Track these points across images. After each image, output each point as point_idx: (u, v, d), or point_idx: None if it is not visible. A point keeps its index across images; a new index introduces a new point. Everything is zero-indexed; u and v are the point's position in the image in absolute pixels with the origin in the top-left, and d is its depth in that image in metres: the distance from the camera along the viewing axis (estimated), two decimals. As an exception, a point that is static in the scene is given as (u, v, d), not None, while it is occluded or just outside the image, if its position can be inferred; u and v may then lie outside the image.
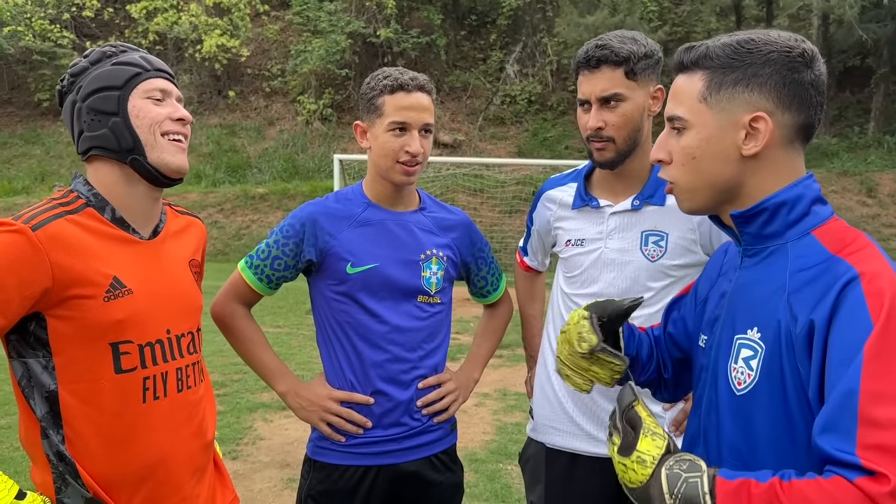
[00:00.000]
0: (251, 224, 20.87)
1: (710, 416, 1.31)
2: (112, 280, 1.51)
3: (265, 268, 2.05)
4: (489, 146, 24.24)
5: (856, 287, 1.10)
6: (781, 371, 1.17)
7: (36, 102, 27.07)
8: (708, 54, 1.26)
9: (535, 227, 2.35)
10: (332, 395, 2.03)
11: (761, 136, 1.23)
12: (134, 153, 1.57)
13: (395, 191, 2.06)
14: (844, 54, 24.12)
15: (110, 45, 1.64)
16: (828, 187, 19.96)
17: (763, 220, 1.26)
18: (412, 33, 25.33)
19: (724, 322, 1.31)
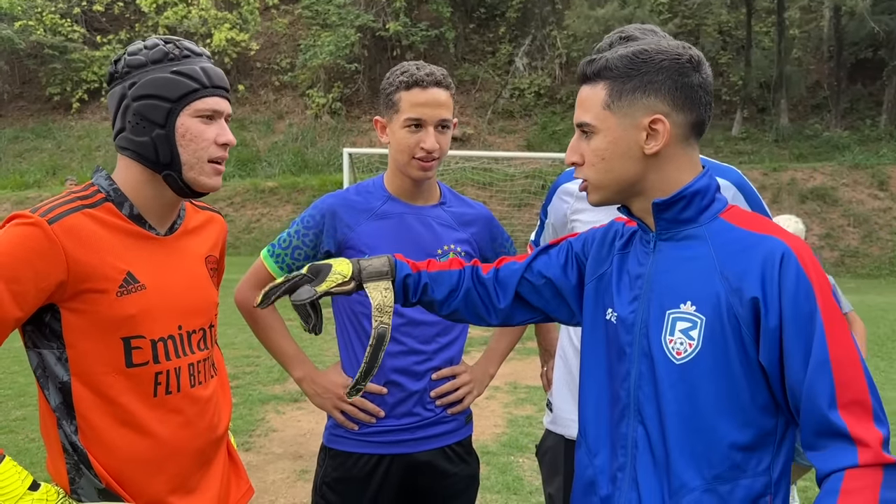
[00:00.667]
0: (261, 217, 20.93)
1: (642, 388, 1.41)
2: (126, 275, 1.52)
3: (286, 257, 2.07)
4: (498, 139, 24.22)
5: (791, 256, 1.29)
6: (724, 338, 1.32)
7: (47, 97, 27.21)
8: (608, 66, 1.40)
9: (550, 220, 2.36)
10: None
11: (660, 136, 1.37)
12: (170, 169, 1.56)
13: (414, 185, 2.06)
14: (856, 46, 23.95)
15: (174, 45, 1.58)
16: (839, 180, 19.85)
17: (681, 206, 1.40)
18: (421, 26, 25.31)
19: (649, 300, 1.42)
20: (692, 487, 1.34)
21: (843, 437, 1.24)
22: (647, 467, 1.39)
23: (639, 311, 1.43)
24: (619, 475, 1.43)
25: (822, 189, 19.69)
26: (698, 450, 1.34)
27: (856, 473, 1.22)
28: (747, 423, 1.33)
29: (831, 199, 19.50)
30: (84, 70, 26.63)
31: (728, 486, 1.33)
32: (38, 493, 1.44)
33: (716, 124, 23.95)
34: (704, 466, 1.33)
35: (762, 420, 1.33)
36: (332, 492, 2.08)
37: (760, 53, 24.33)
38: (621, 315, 1.47)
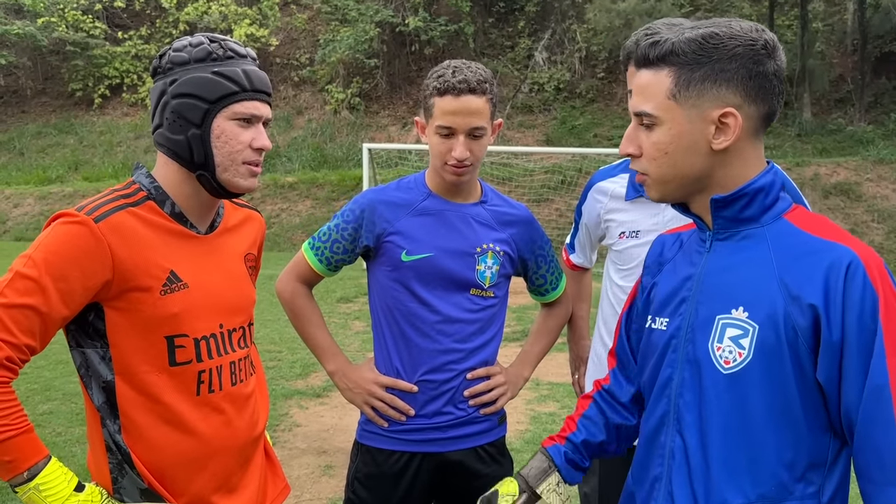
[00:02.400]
0: (280, 213, 21.01)
1: (683, 396, 1.34)
2: (169, 274, 1.53)
3: (325, 250, 2.09)
4: (517, 134, 24.12)
5: (859, 267, 1.20)
6: (779, 350, 1.23)
7: (69, 93, 27.44)
8: (674, 50, 1.28)
9: (584, 220, 2.34)
10: (378, 380, 2.06)
11: (731, 131, 1.28)
12: (203, 169, 1.56)
13: (451, 183, 2.05)
14: (881, 40, 23.60)
15: (219, 44, 1.57)
16: (863, 175, 19.60)
17: (742, 204, 1.31)
18: (440, 21, 25.24)
19: (698, 303, 1.34)
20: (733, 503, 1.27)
21: (892, 474, 1.17)
22: (683, 479, 1.33)
23: (686, 315, 1.36)
24: (655, 486, 1.38)
25: (845, 184, 19.45)
26: (742, 465, 1.27)
27: None
28: (797, 442, 1.25)
29: (855, 194, 19.25)
30: (106, 66, 26.82)
31: None
32: (83, 494, 1.45)
33: (737, 119, 23.72)
34: (748, 484, 1.26)
35: (814, 440, 1.26)
36: (363, 488, 2.09)
37: (783, 47, 23.88)
38: (666, 318, 1.40)
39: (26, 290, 1.39)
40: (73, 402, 5.95)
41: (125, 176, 23.60)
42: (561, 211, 18.41)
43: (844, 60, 24.65)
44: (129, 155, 25.19)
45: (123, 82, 26.90)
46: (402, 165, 18.87)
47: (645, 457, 1.43)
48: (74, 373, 6.88)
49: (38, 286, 1.40)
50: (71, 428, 5.32)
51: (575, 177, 18.51)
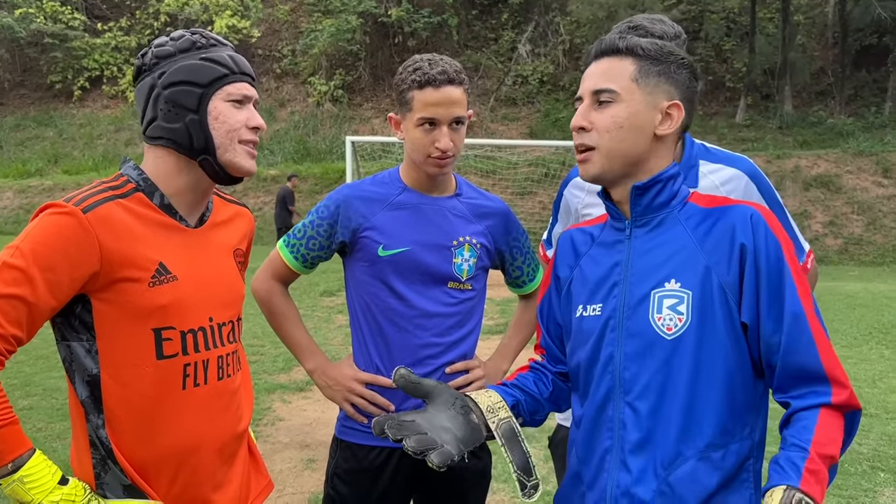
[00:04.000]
0: (263, 206, 20.93)
1: (628, 368, 1.46)
2: (158, 266, 1.52)
3: (301, 247, 2.08)
4: (501, 127, 24.16)
5: (759, 217, 1.41)
6: (713, 309, 1.40)
7: (48, 85, 27.16)
8: (640, 45, 1.48)
9: (561, 215, 2.34)
10: (358, 376, 2.05)
11: (674, 122, 1.48)
12: (205, 153, 1.57)
13: (430, 178, 2.05)
14: (861, 33, 23.82)
15: (200, 35, 1.60)
16: (843, 168, 19.80)
17: (657, 190, 1.50)
18: (423, 13, 25.19)
19: (630, 284, 1.49)
20: (686, 457, 1.39)
21: (821, 380, 1.35)
22: (634, 447, 1.43)
23: (620, 296, 1.49)
24: (606, 458, 1.47)
25: (825, 176, 19.64)
26: (692, 420, 1.39)
27: (830, 411, 1.34)
28: (736, 390, 1.41)
29: (835, 186, 19.45)
30: (85, 58, 26.56)
31: (720, 453, 1.39)
32: (67, 487, 1.44)
33: (720, 111, 23.87)
34: (698, 436, 1.39)
35: (749, 384, 1.42)
36: (343, 483, 2.09)
37: (764, 40, 24.20)
38: (599, 304, 1.52)
39: (14, 280, 1.39)
40: (54, 398, 5.91)
41: (106, 169, 23.38)
42: (544, 203, 18.46)
43: (825, 53, 24.86)
44: (110, 148, 24.97)
45: (103, 74, 26.65)
46: (385, 158, 18.83)
47: (591, 434, 1.51)
48: (55, 368, 6.83)
49: (26, 276, 1.39)
50: (52, 423, 5.28)
51: (558, 170, 18.56)
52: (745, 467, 1.41)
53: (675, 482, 1.39)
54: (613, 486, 1.44)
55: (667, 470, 1.40)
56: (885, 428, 5.27)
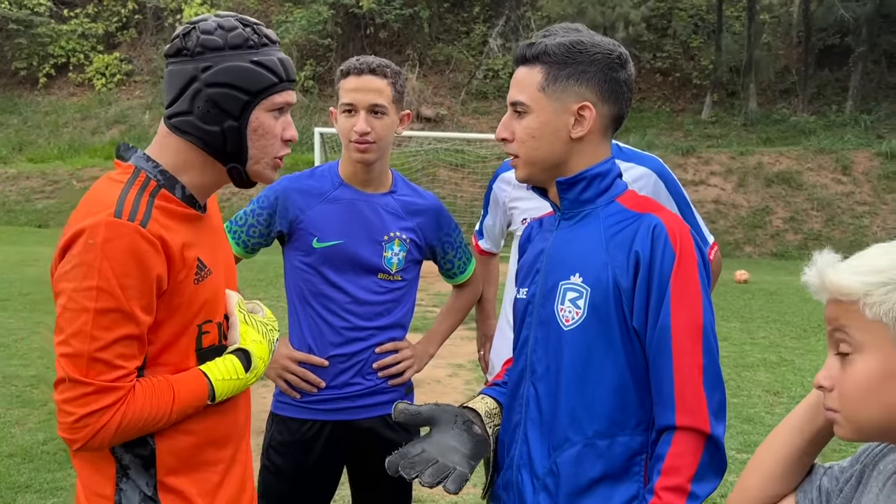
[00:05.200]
0: (231, 196, 20.80)
1: (536, 352, 1.55)
2: (197, 261, 1.47)
3: (242, 234, 2.20)
4: (471, 121, 24.24)
5: (662, 229, 1.44)
6: (606, 308, 1.45)
7: (13, 71, 26.66)
8: (546, 51, 1.50)
9: (491, 208, 2.47)
10: (292, 355, 2.17)
11: (586, 122, 1.50)
12: (236, 162, 1.49)
13: (364, 171, 2.16)
14: (824, 32, 24.27)
15: (252, 30, 1.47)
16: (804, 165, 20.20)
17: (581, 187, 1.54)
18: (395, 4, 25.15)
19: (547, 273, 1.55)
20: (574, 442, 1.47)
21: (668, 400, 1.41)
22: (535, 423, 1.53)
23: (539, 283, 1.57)
24: (517, 431, 1.58)
25: (787, 173, 20.03)
26: (580, 407, 1.47)
27: (685, 435, 1.39)
28: (625, 386, 1.46)
29: (796, 182, 19.85)
30: (51, 44, 26.11)
31: (606, 442, 1.46)
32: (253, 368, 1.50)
33: (686, 108, 24.18)
34: (585, 423, 1.47)
35: (638, 382, 1.47)
36: (277, 454, 2.20)
37: (731, 38, 24.55)
38: (526, 288, 1.62)
39: (114, 322, 1.33)
40: (13, 385, 5.93)
41: (71, 157, 23.05)
42: (512, 197, 18.58)
43: (789, 52, 25.29)
44: (76, 136, 24.63)
45: (70, 61, 26.22)
46: (354, 150, 18.76)
47: (509, 407, 1.63)
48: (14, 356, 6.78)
49: (124, 314, 1.34)
50: (10, 409, 5.31)
51: (526, 163, 18.67)
52: (634, 461, 1.46)
53: (562, 463, 1.48)
54: (518, 456, 1.56)
55: (556, 451, 1.49)
56: (823, 415, 5.48)
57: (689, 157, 20.54)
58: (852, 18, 22.08)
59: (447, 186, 19.41)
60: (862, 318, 0.96)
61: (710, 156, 20.71)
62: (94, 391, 1.31)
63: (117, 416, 1.33)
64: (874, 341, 0.96)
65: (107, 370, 1.32)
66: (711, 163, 20.50)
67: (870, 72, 23.09)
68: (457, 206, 18.24)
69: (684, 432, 1.38)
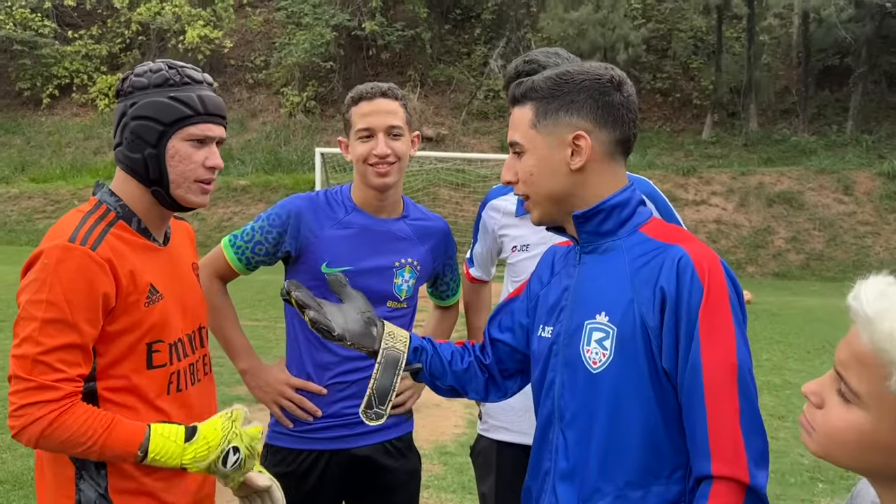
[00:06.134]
0: (233, 216, 20.82)
1: (563, 397, 1.46)
2: (150, 287, 1.64)
3: (247, 250, 2.11)
4: (472, 141, 24.30)
5: (688, 262, 1.34)
6: (634, 349, 1.36)
7: (17, 92, 26.83)
8: (534, 87, 1.47)
9: (481, 235, 2.43)
10: (290, 381, 2.11)
11: (583, 152, 1.44)
12: (158, 185, 1.66)
13: (378, 198, 2.12)
14: (824, 53, 24.38)
15: (177, 71, 1.67)
16: (805, 185, 20.18)
17: (600, 219, 1.46)
18: (397, 26, 25.32)
19: (572, 311, 1.47)
20: (605, 493, 1.38)
21: (702, 446, 1.30)
22: (564, 473, 1.44)
23: (563, 322, 1.49)
24: (546, 479, 1.49)
25: (788, 193, 20.01)
26: (611, 456, 1.37)
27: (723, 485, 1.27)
28: (659, 432, 1.36)
29: (798, 203, 19.82)
30: (55, 65, 26.28)
31: (640, 493, 1.36)
32: (194, 442, 1.57)
33: (686, 128, 24.23)
34: (616, 472, 1.37)
35: (671, 427, 1.36)
36: None
37: (731, 59, 24.66)
38: (550, 327, 1.53)
39: (59, 331, 1.50)
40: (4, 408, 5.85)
41: (74, 178, 23.11)
42: (514, 217, 18.56)
43: (789, 73, 25.38)
44: (78, 156, 24.71)
45: (73, 82, 26.38)
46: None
47: (538, 453, 1.54)
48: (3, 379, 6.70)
49: (68, 324, 1.51)
50: (1, 434, 5.24)
51: (528, 183, 18.68)
52: None
53: None
54: None
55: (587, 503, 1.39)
56: (828, 440, 5.39)
57: (690, 177, 20.54)
58: (852, 39, 22.18)
59: (448, 206, 19.41)
60: (880, 382, 0.88)
61: (711, 176, 20.71)
62: (35, 387, 1.49)
63: (50, 416, 1.48)
64: (879, 408, 0.90)
65: (48, 371, 1.49)
66: (713, 183, 20.49)
67: (870, 92, 23.15)
68: (458, 226, 18.17)
69: (722, 482, 1.27)
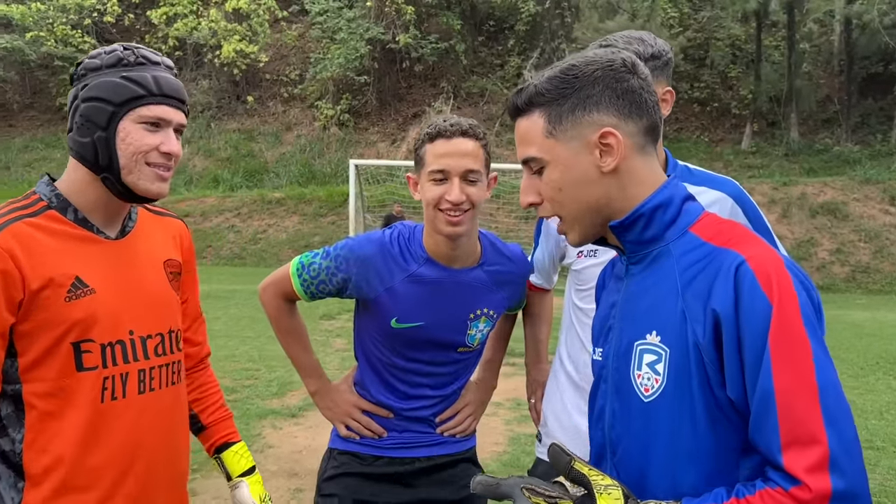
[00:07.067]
0: (268, 228, 20.93)
1: (615, 428, 1.30)
2: (74, 280, 1.52)
3: (311, 285, 2.04)
4: (506, 152, 24.16)
5: (747, 271, 1.13)
6: (688, 373, 1.18)
7: (57, 107, 27.38)
8: (538, 91, 1.27)
9: (543, 239, 2.27)
10: (358, 403, 2.12)
11: (615, 151, 1.25)
12: (108, 172, 1.55)
13: (450, 246, 1.96)
14: (867, 60, 23.83)
15: (132, 52, 1.57)
16: (850, 195, 19.69)
17: (641, 225, 1.27)
18: (431, 39, 25.34)
19: (621, 330, 1.30)
20: None
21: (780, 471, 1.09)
22: None
23: (612, 343, 1.32)
24: None
25: (832, 204, 19.52)
26: (667, 493, 1.20)
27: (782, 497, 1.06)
28: (720, 470, 1.18)
29: (842, 214, 19.33)
30: (94, 81, 26.81)
31: None
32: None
33: (725, 138, 23.83)
34: None
35: (736, 466, 1.18)
36: (334, 484, 2.11)
37: (770, 67, 24.23)
38: (600, 348, 1.36)
39: None
40: None
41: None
42: (549, 229, 18.39)
43: (831, 81, 24.86)
44: (117, 170, 25.13)
45: (112, 97, 26.88)
46: (389, 182, 18.80)
47: None
48: None
49: None
50: None
51: (563, 194, 18.51)
52: None
53: None
54: None
55: None
56: (893, 461, 5.11)
57: (730, 187, 20.19)
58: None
59: (482, 217, 19.16)
60: None
61: (751, 186, 20.29)
62: None
63: None
64: None
65: None
66: (754, 193, 19.93)
67: (916, 100, 22.56)
68: (492, 239, 18.06)
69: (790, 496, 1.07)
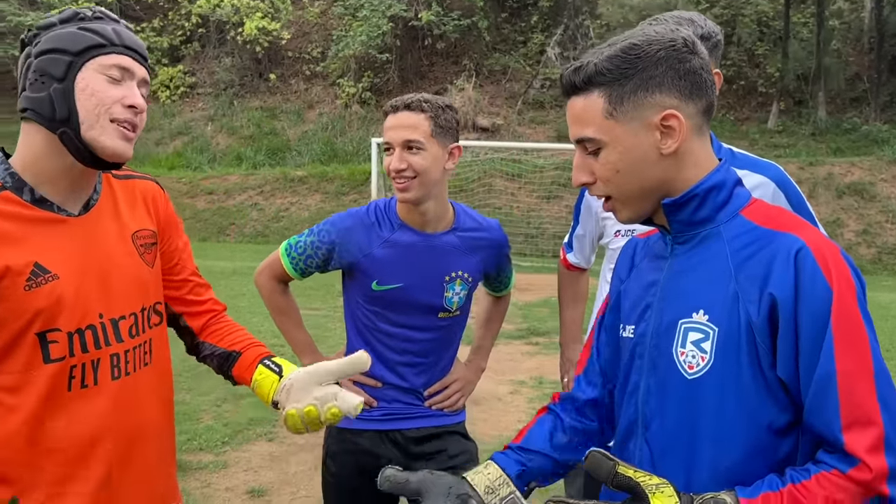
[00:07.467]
0: (290, 206, 21.03)
1: (649, 403, 1.32)
2: (33, 267, 1.41)
3: (300, 262, 2.22)
4: (528, 130, 24.02)
5: (808, 256, 1.16)
6: (738, 353, 1.20)
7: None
8: (598, 70, 1.26)
9: (582, 217, 2.29)
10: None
11: (677, 133, 1.26)
12: (66, 126, 1.42)
13: (418, 212, 2.12)
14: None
15: (89, 9, 1.48)
16: (878, 175, 19.38)
17: (695, 205, 1.29)
18: (453, 15, 25.15)
19: (662, 309, 1.32)
20: None
21: (840, 452, 1.13)
22: None
23: (650, 321, 1.33)
24: None
25: (859, 184, 19.24)
26: (705, 469, 1.23)
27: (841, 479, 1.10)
28: (762, 449, 1.21)
29: (869, 194, 19.05)
30: (118, 58, 26.93)
31: None
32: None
33: (751, 116, 23.51)
34: (711, 486, 1.20)
35: (778, 445, 1.21)
36: (333, 462, 2.23)
37: (798, 45, 23.79)
38: (633, 325, 1.37)
39: None
40: None
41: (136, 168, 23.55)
42: (570, 208, 18.27)
43: (860, 59, 24.38)
44: (140, 147, 25.26)
45: (136, 74, 26.99)
46: (411, 160, 18.71)
47: None
48: None
49: None
50: None
51: (585, 174, 18.39)
52: None
53: None
54: None
55: None
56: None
57: (755, 167, 19.92)
58: (929, 23, 21.16)
59: (503, 197, 19.23)
60: None
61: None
62: None
63: None
64: None
65: None
66: (778, 173, 19.84)
67: (948, 78, 22.07)
68: (513, 217, 18.04)
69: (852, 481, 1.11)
